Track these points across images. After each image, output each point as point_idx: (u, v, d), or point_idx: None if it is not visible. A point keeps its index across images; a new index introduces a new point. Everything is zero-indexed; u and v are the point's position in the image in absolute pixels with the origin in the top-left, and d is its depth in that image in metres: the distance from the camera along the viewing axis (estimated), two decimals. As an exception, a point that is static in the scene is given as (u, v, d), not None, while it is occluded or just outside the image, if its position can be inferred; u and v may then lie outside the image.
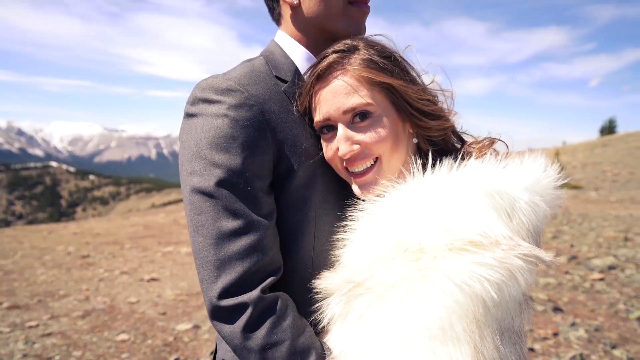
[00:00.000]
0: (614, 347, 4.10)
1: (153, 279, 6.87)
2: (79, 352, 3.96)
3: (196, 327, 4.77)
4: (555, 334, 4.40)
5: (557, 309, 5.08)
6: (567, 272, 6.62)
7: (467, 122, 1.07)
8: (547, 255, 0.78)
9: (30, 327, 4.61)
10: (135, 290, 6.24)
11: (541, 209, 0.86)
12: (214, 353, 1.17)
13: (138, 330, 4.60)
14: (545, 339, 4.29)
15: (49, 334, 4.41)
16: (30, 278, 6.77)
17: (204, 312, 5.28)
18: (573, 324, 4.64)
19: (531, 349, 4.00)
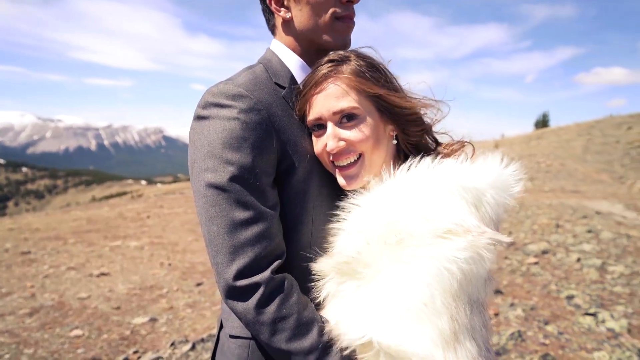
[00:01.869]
0: (546, 323, 4.51)
1: (103, 274, 6.70)
2: (30, 349, 3.85)
3: (153, 320, 4.74)
4: (497, 314, 4.76)
5: (497, 292, 5.47)
6: (506, 258, 7.10)
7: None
8: (506, 238, 0.95)
9: (-26, 326, 4.41)
10: (85, 285, 6.07)
11: (502, 201, 1.03)
12: (218, 331, 1.27)
13: (92, 326, 4.52)
14: (487, 318, 4.64)
15: (-5, 333, 4.24)
16: (-34, 276, 6.41)
17: (160, 305, 5.25)
18: (512, 305, 5.03)
19: (475, 328, 4.32)
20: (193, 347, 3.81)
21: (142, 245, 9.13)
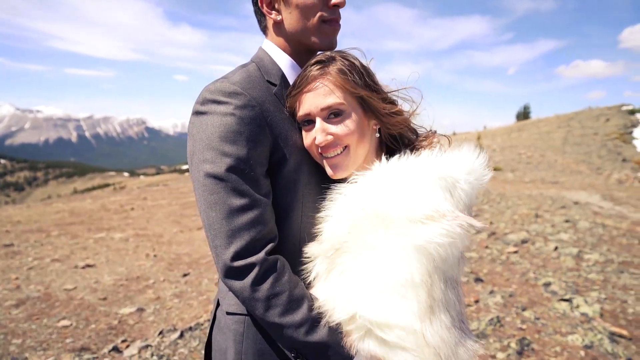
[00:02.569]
0: (524, 309, 4.68)
1: (88, 266, 6.69)
2: (18, 339, 3.87)
3: (140, 310, 4.78)
4: (477, 301, 4.92)
5: (478, 280, 5.64)
6: (487, 247, 7.30)
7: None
8: (479, 223, 1.05)
9: (-41, 318, 4.40)
10: (71, 277, 6.07)
11: (474, 187, 1.13)
12: (215, 309, 1.36)
13: (79, 316, 4.54)
14: (468, 305, 4.80)
15: (-19, 325, 4.24)
16: (-51, 269, 6.35)
17: (147, 296, 5.29)
18: (491, 292, 5.19)
19: (456, 315, 4.47)
20: (181, 336, 3.88)
21: (127, 237, 9.12)
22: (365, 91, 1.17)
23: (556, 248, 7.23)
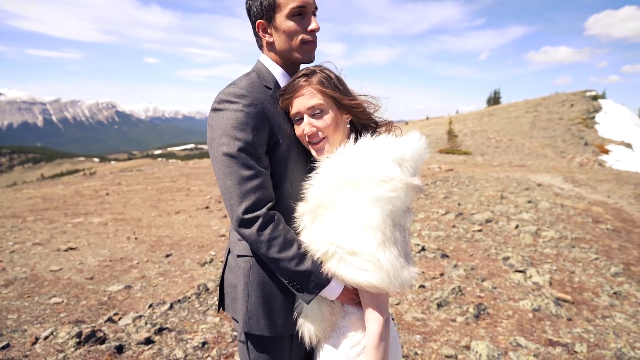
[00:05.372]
0: (483, 280, 5.16)
1: (71, 249, 6.87)
2: (14, 315, 4.08)
3: (128, 287, 5.04)
4: (442, 274, 5.37)
5: (444, 256, 6.10)
6: (454, 226, 7.78)
7: (369, 90, 1.72)
8: (420, 182, 1.47)
9: (-51, 299, 4.56)
10: (55, 259, 6.25)
11: (418, 161, 1.54)
12: (226, 256, 1.77)
13: (69, 294, 4.77)
14: (433, 278, 5.24)
15: (-27, 304, 4.42)
16: None
17: (132, 275, 5.54)
18: (455, 266, 5.65)
19: (422, 286, 4.90)
20: (171, 307, 4.16)
21: (106, 222, 9.27)
22: (338, 94, 1.58)
23: (517, 226, 7.78)
